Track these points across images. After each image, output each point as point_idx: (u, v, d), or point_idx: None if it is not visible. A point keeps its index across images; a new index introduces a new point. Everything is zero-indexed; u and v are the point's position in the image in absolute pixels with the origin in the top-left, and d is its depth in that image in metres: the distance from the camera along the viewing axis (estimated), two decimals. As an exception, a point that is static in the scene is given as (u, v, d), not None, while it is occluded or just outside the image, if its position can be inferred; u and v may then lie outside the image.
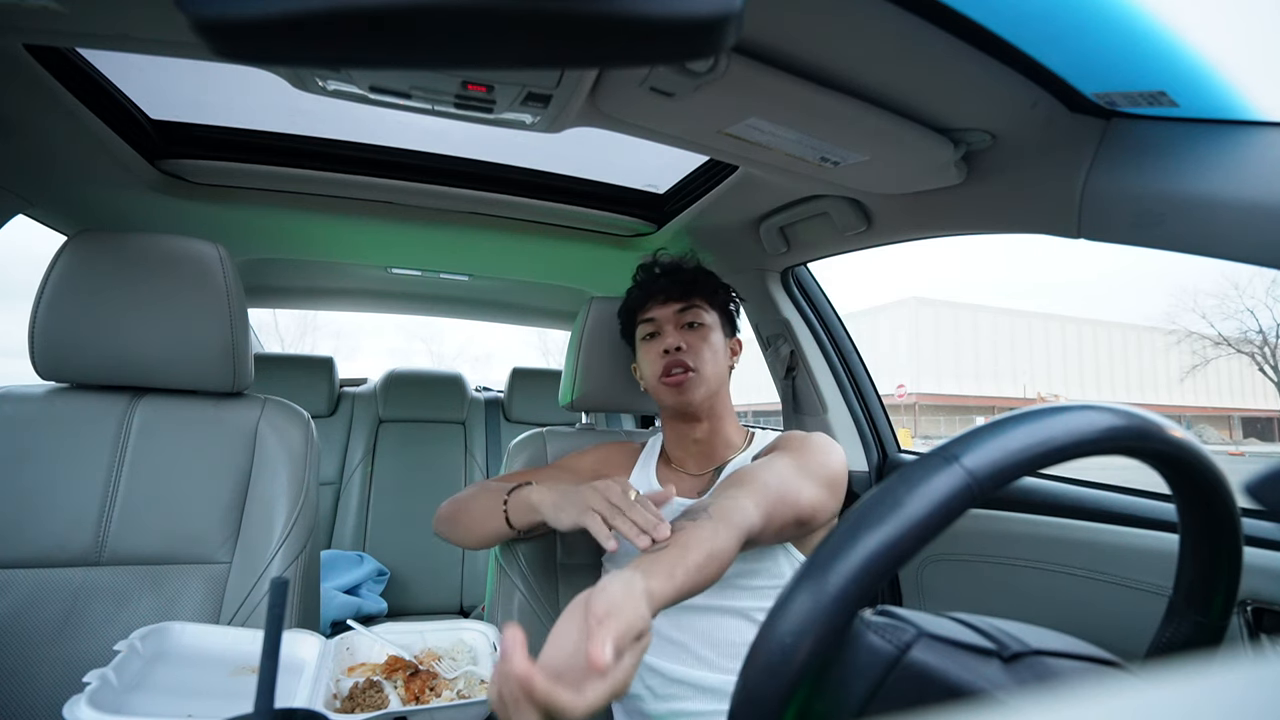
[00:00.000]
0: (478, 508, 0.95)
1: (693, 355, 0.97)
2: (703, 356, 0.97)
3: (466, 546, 0.98)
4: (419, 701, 0.67)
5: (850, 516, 0.36)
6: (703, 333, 1.00)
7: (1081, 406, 0.38)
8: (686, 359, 0.97)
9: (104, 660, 0.64)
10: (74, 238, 0.91)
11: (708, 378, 0.97)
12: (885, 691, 0.36)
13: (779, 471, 0.82)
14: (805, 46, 0.65)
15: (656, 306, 1.01)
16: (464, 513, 0.97)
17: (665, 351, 0.98)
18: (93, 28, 0.66)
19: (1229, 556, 0.43)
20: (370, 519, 2.13)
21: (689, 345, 0.98)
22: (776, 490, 0.77)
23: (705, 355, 0.98)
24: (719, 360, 1.00)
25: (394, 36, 0.24)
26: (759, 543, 0.76)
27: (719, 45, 0.25)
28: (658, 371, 0.98)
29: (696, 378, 0.96)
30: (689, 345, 0.98)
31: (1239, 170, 0.59)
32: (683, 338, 0.98)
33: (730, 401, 1.04)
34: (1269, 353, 27.18)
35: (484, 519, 0.93)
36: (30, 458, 0.88)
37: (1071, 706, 0.17)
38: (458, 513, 0.99)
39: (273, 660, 0.39)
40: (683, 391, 0.96)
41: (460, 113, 0.78)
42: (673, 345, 0.97)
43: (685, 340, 0.98)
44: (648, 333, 1.03)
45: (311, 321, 23.69)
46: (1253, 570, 0.72)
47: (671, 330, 1.00)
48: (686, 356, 0.97)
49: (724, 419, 1.02)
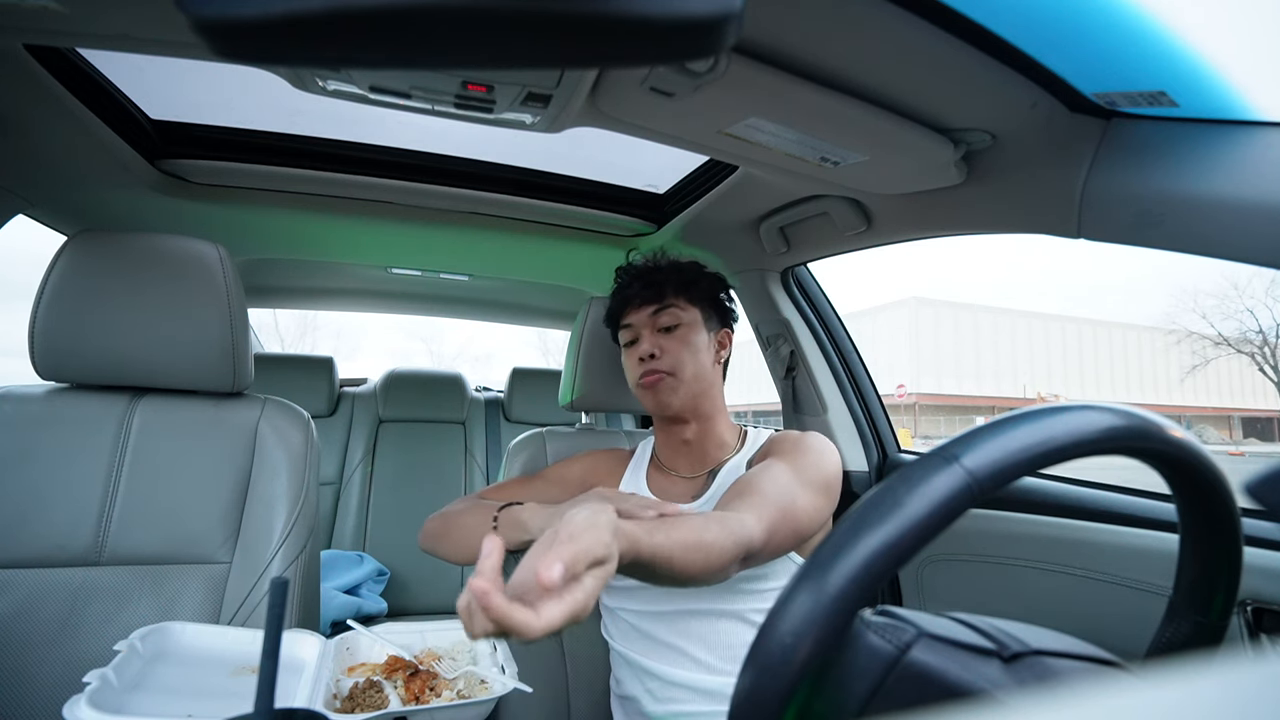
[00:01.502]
0: (467, 524, 0.93)
1: (668, 359, 0.95)
2: (679, 359, 0.95)
3: (454, 562, 0.95)
4: (419, 701, 0.67)
5: (850, 516, 0.36)
6: (679, 334, 0.97)
7: (1081, 406, 0.38)
8: (660, 365, 0.95)
9: (104, 660, 0.64)
10: (74, 238, 0.91)
11: (686, 380, 0.95)
12: (885, 691, 0.36)
13: (779, 481, 0.80)
14: (805, 46, 0.65)
15: (632, 311, 1.00)
16: (454, 529, 0.95)
17: (641, 359, 0.97)
18: (93, 28, 0.66)
19: (1229, 556, 0.43)
20: (370, 519, 2.13)
21: (663, 349, 0.96)
22: (777, 504, 0.76)
23: (682, 357, 0.96)
24: (699, 359, 0.97)
25: (394, 36, 0.24)
26: (757, 560, 0.74)
27: (719, 45, 0.25)
28: (635, 377, 0.98)
29: (672, 381, 0.95)
30: (663, 349, 0.96)
31: (1239, 170, 0.59)
32: (657, 342, 0.97)
33: (721, 399, 1.02)
34: (1269, 353, 27.19)
35: (472, 536, 0.91)
36: (30, 458, 0.88)
37: (1071, 706, 0.17)
38: (447, 529, 0.96)
39: (273, 660, 0.39)
40: (659, 395, 0.95)
41: (460, 113, 0.78)
42: (646, 352, 0.96)
43: (660, 345, 0.96)
44: (627, 340, 1.02)
45: (311, 321, 23.72)
46: (1253, 570, 0.72)
47: (647, 335, 0.98)
48: (660, 362, 0.95)
49: (713, 418, 1.00)
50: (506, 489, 1.02)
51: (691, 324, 0.99)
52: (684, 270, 1.01)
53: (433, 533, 0.98)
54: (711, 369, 0.99)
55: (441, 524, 0.97)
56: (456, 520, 0.95)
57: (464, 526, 0.93)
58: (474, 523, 0.92)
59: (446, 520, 0.97)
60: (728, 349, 1.04)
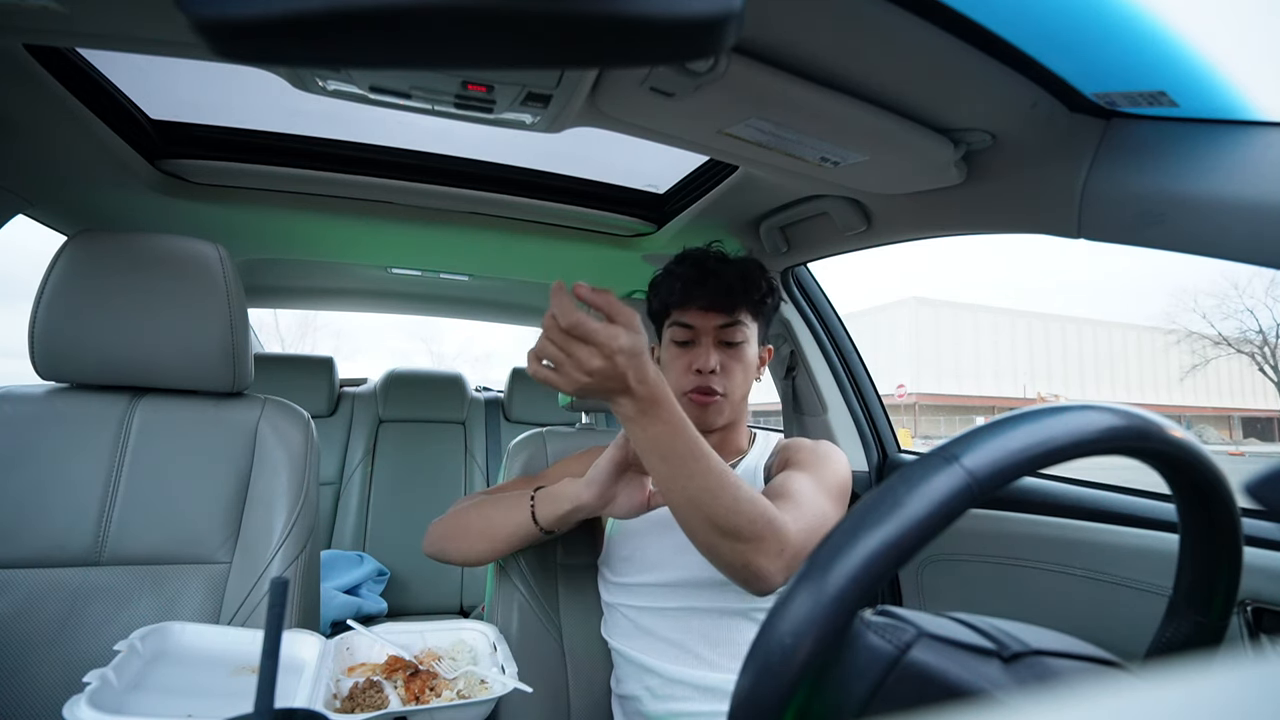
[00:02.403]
0: (491, 516, 0.90)
1: (725, 379, 0.91)
2: (735, 380, 0.91)
3: (467, 562, 0.93)
4: (419, 701, 0.67)
5: (850, 516, 0.36)
6: (739, 352, 0.92)
7: (1081, 406, 0.38)
8: (717, 384, 0.90)
9: (104, 660, 0.64)
10: (74, 238, 0.91)
11: (736, 402, 0.93)
12: (885, 691, 0.36)
13: (807, 491, 0.79)
14: (805, 46, 0.65)
15: (696, 313, 0.92)
16: (475, 523, 0.92)
17: (699, 371, 0.91)
18: (93, 28, 0.66)
19: (1229, 556, 0.43)
20: (370, 519, 2.14)
21: (724, 368, 0.91)
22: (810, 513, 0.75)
23: (738, 379, 0.91)
24: (749, 380, 0.94)
25: (394, 36, 0.24)
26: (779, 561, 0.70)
27: (719, 45, 0.25)
28: (684, 386, 0.91)
29: (724, 403, 0.91)
30: (724, 368, 0.91)
31: (1239, 170, 0.59)
32: (720, 357, 0.91)
33: (746, 409, 0.98)
34: (1269, 353, 27.19)
35: (499, 526, 0.88)
36: (30, 458, 0.88)
37: (1071, 706, 0.17)
38: (463, 527, 0.92)
39: (273, 660, 0.39)
40: (706, 414, 0.91)
41: (460, 113, 0.78)
42: (708, 367, 0.90)
43: (722, 361, 0.91)
44: (682, 339, 0.94)
45: (312, 321, 23.72)
46: (1253, 570, 0.72)
47: (709, 346, 0.91)
48: (718, 381, 0.90)
49: (735, 428, 0.98)
50: (508, 489, 1.02)
51: (750, 341, 0.94)
52: (755, 283, 0.93)
53: (444, 534, 0.94)
54: (750, 388, 0.96)
55: (455, 524, 0.93)
56: (476, 514, 0.92)
57: (487, 518, 0.90)
58: (503, 511, 0.89)
59: (460, 519, 0.93)
60: (766, 366, 0.99)
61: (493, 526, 0.90)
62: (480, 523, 0.91)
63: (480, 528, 0.91)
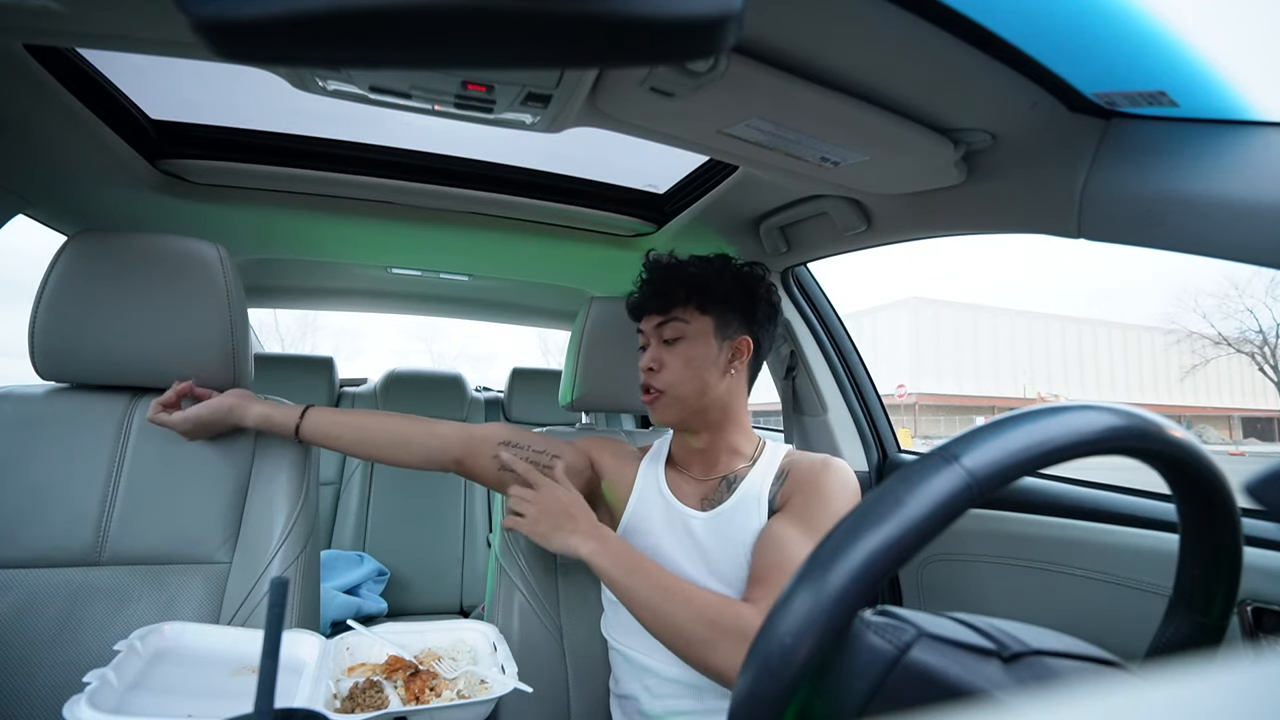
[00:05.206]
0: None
1: (662, 377, 0.92)
2: (672, 377, 0.92)
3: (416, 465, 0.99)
4: (419, 701, 0.67)
5: (850, 516, 0.36)
6: (678, 349, 0.93)
7: (1081, 406, 0.38)
8: (654, 381, 0.93)
9: (104, 660, 0.64)
10: (74, 238, 0.91)
11: (680, 397, 0.92)
12: (885, 691, 0.36)
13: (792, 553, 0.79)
14: (805, 46, 0.65)
15: (645, 319, 0.97)
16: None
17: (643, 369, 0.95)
18: (93, 28, 0.66)
19: (1229, 556, 0.43)
20: (370, 519, 2.14)
21: (662, 364, 0.93)
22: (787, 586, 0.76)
23: (678, 375, 0.92)
24: (698, 374, 0.91)
25: (393, 36, 0.24)
26: None
27: (719, 45, 0.25)
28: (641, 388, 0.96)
29: (664, 399, 0.92)
30: (662, 364, 0.93)
31: (1239, 170, 0.59)
32: (656, 356, 0.93)
33: (737, 408, 0.97)
34: (1269, 353, 27.20)
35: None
36: (30, 458, 0.88)
37: (1071, 706, 0.17)
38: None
39: (273, 660, 0.39)
40: (654, 410, 0.94)
41: (460, 113, 0.78)
42: (644, 365, 0.94)
43: (660, 358, 0.93)
44: (640, 345, 0.99)
45: (312, 322, 23.72)
46: (1253, 570, 0.72)
47: (652, 346, 0.95)
48: (655, 378, 0.93)
49: (725, 429, 0.96)
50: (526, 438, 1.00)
51: (698, 335, 0.93)
52: (697, 275, 0.94)
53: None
54: (720, 380, 0.93)
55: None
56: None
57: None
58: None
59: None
60: (746, 355, 0.95)
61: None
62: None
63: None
